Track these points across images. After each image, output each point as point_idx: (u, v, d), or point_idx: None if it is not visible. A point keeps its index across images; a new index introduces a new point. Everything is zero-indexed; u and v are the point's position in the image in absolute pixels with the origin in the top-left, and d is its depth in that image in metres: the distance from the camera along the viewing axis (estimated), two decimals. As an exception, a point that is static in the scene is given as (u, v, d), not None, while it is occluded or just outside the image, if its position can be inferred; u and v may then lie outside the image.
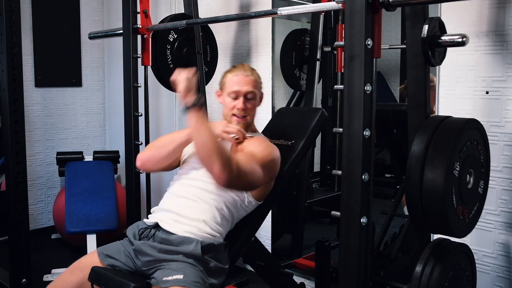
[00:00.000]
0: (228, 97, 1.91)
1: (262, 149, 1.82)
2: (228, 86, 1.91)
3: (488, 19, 2.06)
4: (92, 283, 1.69)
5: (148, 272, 1.70)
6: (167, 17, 2.84)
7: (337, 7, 1.60)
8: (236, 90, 1.88)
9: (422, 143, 1.61)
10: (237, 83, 1.89)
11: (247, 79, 1.90)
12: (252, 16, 2.18)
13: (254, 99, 1.92)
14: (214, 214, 1.76)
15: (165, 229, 1.74)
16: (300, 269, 3.03)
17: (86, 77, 4.13)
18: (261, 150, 1.81)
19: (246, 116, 1.92)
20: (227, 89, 1.91)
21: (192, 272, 1.62)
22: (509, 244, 2.09)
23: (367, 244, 1.49)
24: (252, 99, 1.92)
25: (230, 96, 1.90)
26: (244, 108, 1.89)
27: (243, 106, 1.89)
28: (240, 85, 1.88)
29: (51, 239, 3.78)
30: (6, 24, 2.47)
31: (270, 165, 1.82)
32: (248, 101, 1.90)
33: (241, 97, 1.89)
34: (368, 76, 1.43)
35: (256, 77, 1.94)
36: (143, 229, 1.79)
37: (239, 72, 1.91)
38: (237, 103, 1.89)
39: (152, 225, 1.78)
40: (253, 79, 1.91)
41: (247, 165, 1.71)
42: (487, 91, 2.09)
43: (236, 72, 1.91)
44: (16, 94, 2.54)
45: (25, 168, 2.60)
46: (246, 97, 1.89)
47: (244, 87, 1.89)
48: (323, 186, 4.44)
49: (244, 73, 1.90)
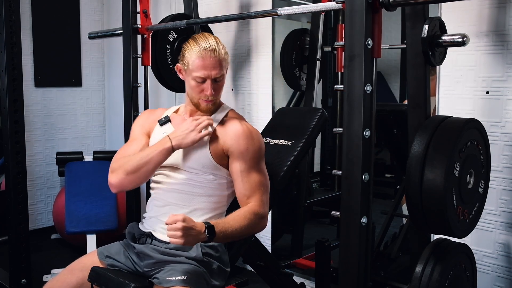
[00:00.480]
0: (193, 80, 1.72)
1: (248, 146, 1.72)
2: (193, 68, 1.70)
3: (488, 19, 2.06)
4: (92, 283, 1.68)
5: (150, 273, 1.69)
6: (167, 17, 2.84)
7: (337, 7, 1.60)
8: (203, 76, 1.70)
9: (422, 143, 1.61)
10: (204, 67, 1.68)
11: (215, 60, 1.69)
12: (252, 16, 2.18)
13: (223, 78, 1.75)
14: (205, 214, 1.74)
15: (160, 239, 1.72)
16: (300, 269, 3.03)
17: (86, 77, 4.13)
18: (249, 148, 1.71)
19: (214, 99, 1.76)
20: (191, 72, 1.71)
21: (195, 273, 1.62)
22: (509, 244, 2.09)
23: (367, 244, 1.49)
24: (221, 80, 1.75)
25: (196, 80, 1.72)
26: (213, 93, 1.73)
27: (212, 92, 1.71)
28: (208, 70, 1.69)
29: (51, 239, 3.78)
30: (5, 24, 2.47)
31: (263, 155, 1.77)
32: (217, 83, 1.74)
33: (208, 81, 1.71)
34: (368, 76, 1.43)
35: (223, 53, 1.72)
36: (139, 235, 1.78)
37: (205, 52, 1.68)
38: (205, 87, 1.71)
39: (147, 232, 1.77)
40: (220, 59, 1.71)
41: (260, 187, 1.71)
42: (487, 91, 2.09)
43: (201, 52, 1.68)
44: (16, 94, 2.53)
45: (25, 168, 2.60)
46: (215, 79, 1.72)
47: (212, 71, 1.69)
48: (323, 186, 4.44)
49: (210, 54, 1.68)
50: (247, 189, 1.71)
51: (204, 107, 1.77)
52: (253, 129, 1.77)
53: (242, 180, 1.71)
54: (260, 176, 1.72)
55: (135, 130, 1.89)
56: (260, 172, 1.73)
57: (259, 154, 1.74)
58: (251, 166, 1.71)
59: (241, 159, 1.71)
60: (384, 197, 4.03)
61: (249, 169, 1.71)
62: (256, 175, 1.71)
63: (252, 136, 1.74)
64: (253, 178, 1.71)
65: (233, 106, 3.19)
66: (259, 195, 1.71)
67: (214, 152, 1.73)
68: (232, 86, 3.21)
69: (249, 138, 1.73)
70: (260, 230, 1.73)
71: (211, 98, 1.74)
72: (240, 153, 1.71)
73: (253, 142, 1.73)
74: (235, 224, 1.61)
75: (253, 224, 1.66)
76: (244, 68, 3.14)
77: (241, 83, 3.16)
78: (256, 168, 1.72)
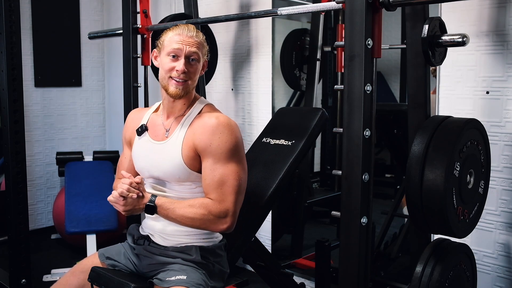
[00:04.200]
0: (166, 57, 1.62)
1: (212, 141, 1.59)
2: (168, 44, 1.62)
3: (488, 19, 2.06)
4: (92, 284, 1.68)
5: (150, 274, 1.69)
6: (167, 17, 2.84)
7: (337, 7, 1.60)
8: (177, 48, 1.61)
9: (422, 143, 1.61)
10: (178, 42, 1.61)
11: (191, 39, 1.62)
12: (252, 16, 2.18)
13: (198, 62, 1.64)
14: None
15: (158, 243, 1.71)
16: (300, 269, 3.03)
17: (86, 77, 4.13)
18: (212, 143, 1.58)
19: (187, 81, 1.63)
20: (166, 48, 1.63)
21: (195, 274, 1.62)
22: (509, 244, 2.09)
23: (367, 244, 1.49)
24: (195, 62, 1.64)
25: (169, 55, 1.62)
26: (185, 71, 1.61)
27: (183, 68, 1.60)
28: (183, 44, 1.61)
29: (51, 239, 3.78)
30: (5, 24, 2.47)
31: (240, 152, 1.63)
32: (190, 64, 1.62)
33: (182, 58, 1.61)
34: (368, 76, 1.43)
35: (202, 39, 1.66)
36: (137, 237, 1.77)
37: (182, 31, 1.63)
38: (177, 64, 1.61)
39: (145, 235, 1.75)
40: (198, 41, 1.64)
41: (223, 186, 1.58)
42: (487, 91, 2.09)
43: (178, 31, 1.63)
44: (15, 94, 2.53)
45: (25, 168, 2.60)
46: (189, 58, 1.62)
47: (187, 47, 1.61)
48: (323, 186, 4.45)
49: (188, 33, 1.63)
50: (206, 187, 1.60)
51: (173, 91, 1.62)
52: (224, 122, 1.61)
53: (204, 176, 1.60)
54: (224, 174, 1.58)
55: (123, 139, 1.89)
56: (224, 169, 1.58)
57: (226, 149, 1.58)
58: (215, 161, 1.58)
59: (205, 155, 1.60)
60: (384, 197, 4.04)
61: (212, 165, 1.58)
62: (218, 172, 1.58)
63: (218, 130, 1.59)
64: (214, 175, 1.58)
65: (233, 106, 3.21)
66: (217, 194, 1.58)
67: (187, 160, 1.62)
68: (232, 86, 3.21)
69: (215, 132, 1.58)
70: (219, 230, 1.60)
71: (182, 76, 1.61)
72: (203, 150, 1.60)
73: (220, 136, 1.58)
74: (182, 213, 1.56)
75: (205, 220, 1.56)
76: (244, 68, 3.14)
77: (241, 83, 3.16)
78: (220, 164, 1.58)
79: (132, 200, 1.55)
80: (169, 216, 1.59)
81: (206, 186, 1.61)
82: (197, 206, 1.58)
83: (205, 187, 1.61)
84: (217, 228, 1.60)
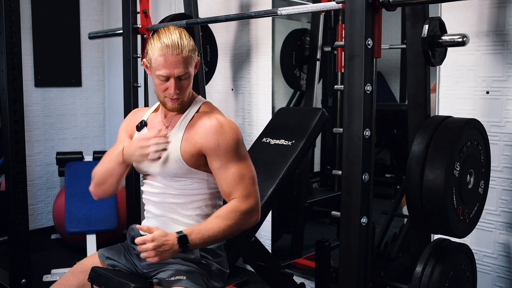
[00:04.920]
0: (156, 78, 1.63)
1: (219, 141, 1.61)
2: (155, 67, 1.60)
3: (488, 19, 2.06)
4: (92, 284, 1.68)
5: (150, 274, 1.69)
6: (167, 17, 2.84)
7: (337, 7, 1.60)
8: (164, 74, 1.59)
9: (422, 143, 1.61)
10: (165, 66, 1.58)
11: (177, 58, 1.58)
12: (252, 16, 2.18)
13: (189, 76, 1.64)
14: (199, 221, 1.70)
15: None
16: (300, 269, 3.03)
17: (86, 77, 4.13)
18: (220, 144, 1.61)
19: (182, 97, 1.65)
20: (154, 69, 1.62)
21: (195, 274, 1.62)
22: (509, 244, 2.09)
23: (367, 244, 1.49)
24: (186, 77, 1.63)
25: (159, 78, 1.62)
26: (177, 92, 1.62)
27: (175, 91, 1.61)
28: (170, 68, 1.58)
29: (51, 239, 3.78)
30: (5, 24, 2.47)
31: (244, 147, 1.66)
32: (181, 82, 1.63)
33: (172, 79, 1.61)
34: (368, 76, 1.43)
35: (187, 51, 1.60)
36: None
37: (166, 50, 1.57)
38: (168, 86, 1.61)
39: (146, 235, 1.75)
40: (184, 57, 1.59)
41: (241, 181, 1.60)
42: (487, 91, 2.09)
43: (162, 50, 1.58)
44: (15, 94, 2.53)
45: (25, 168, 2.60)
46: (179, 78, 1.62)
47: (175, 70, 1.59)
48: (323, 186, 4.45)
49: (172, 51, 1.57)
50: (227, 186, 1.62)
51: (170, 106, 1.67)
52: (224, 122, 1.64)
53: (220, 177, 1.63)
54: (239, 169, 1.62)
55: (121, 133, 1.87)
56: (238, 165, 1.62)
57: (234, 147, 1.62)
58: (227, 161, 1.61)
59: (215, 156, 1.62)
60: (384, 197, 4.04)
61: (225, 164, 1.61)
62: (234, 170, 1.61)
63: (222, 130, 1.62)
64: (231, 173, 1.61)
65: (233, 106, 3.21)
66: (241, 190, 1.61)
67: (186, 156, 1.63)
68: (232, 86, 3.21)
69: (219, 133, 1.61)
70: (251, 225, 1.63)
71: (176, 97, 1.64)
72: (212, 150, 1.62)
73: (224, 136, 1.61)
74: (214, 227, 1.56)
75: (239, 222, 1.58)
76: (244, 68, 3.14)
77: (241, 83, 3.16)
78: (233, 162, 1.62)
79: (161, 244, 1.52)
80: (205, 237, 1.56)
81: (227, 185, 1.62)
82: (225, 213, 1.58)
83: (226, 187, 1.62)
84: (251, 223, 1.62)
